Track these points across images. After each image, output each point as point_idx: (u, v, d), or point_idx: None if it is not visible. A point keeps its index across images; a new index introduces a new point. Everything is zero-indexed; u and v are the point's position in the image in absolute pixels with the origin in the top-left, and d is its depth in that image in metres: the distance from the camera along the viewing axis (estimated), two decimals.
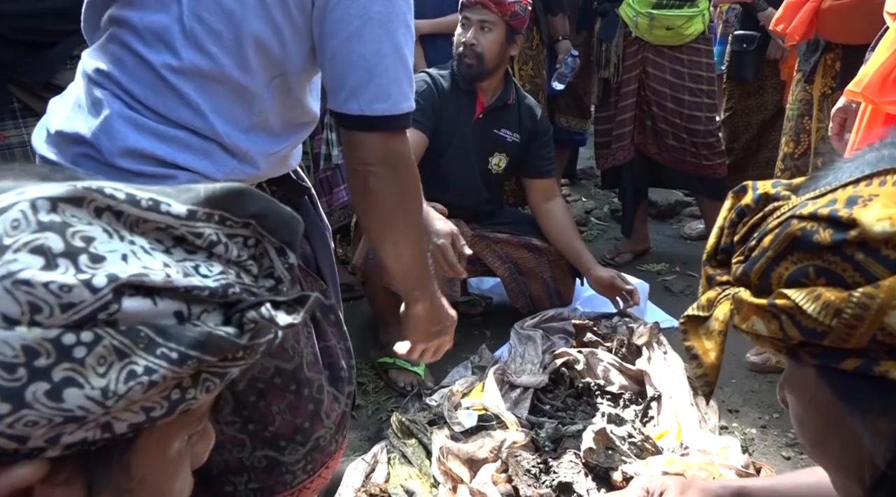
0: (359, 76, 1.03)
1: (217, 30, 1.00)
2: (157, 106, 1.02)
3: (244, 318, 0.44)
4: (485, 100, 2.49)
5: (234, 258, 0.46)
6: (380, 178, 1.08)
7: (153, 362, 0.39)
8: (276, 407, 1.16)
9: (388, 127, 1.06)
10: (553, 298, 2.54)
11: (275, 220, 0.48)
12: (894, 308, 0.44)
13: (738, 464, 1.63)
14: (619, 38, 2.93)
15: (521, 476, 1.60)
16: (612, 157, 3.09)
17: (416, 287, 1.23)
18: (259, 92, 1.05)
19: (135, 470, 0.43)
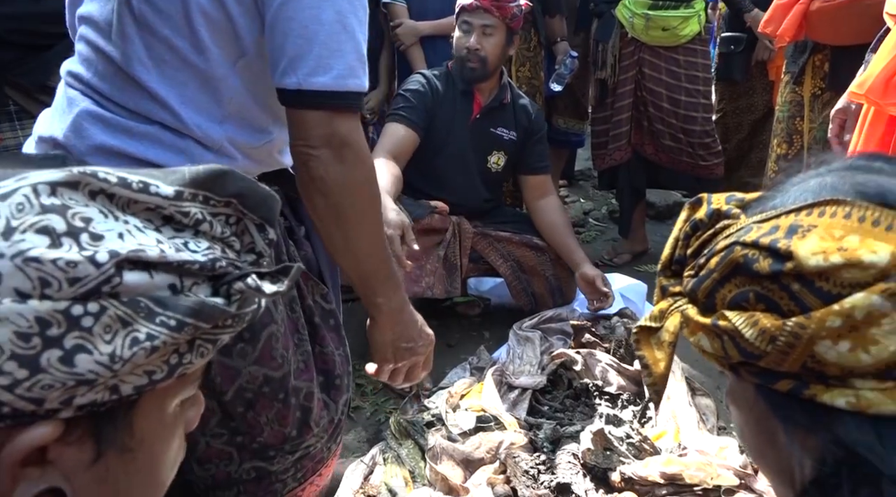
0: (296, 46, 0.94)
1: (165, 10, 0.96)
2: (125, 101, 1.00)
3: (231, 289, 0.48)
4: (482, 100, 2.50)
5: (218, 235, 0.50)
6: (323, 162, 0.97)
7: (154, 329, 0.43)
8: (265, 417, 1.13)
9: (330, 105, 0.95)
10: (556, 296, 2.54)
11: (254, 198, 0.52)
12: (823, 338, 0.47)
13: (736, 464, 1.63)
14: (616, 38, 2.94)
15: (520, 477, 1.60)
16: (609, 158, 3.09)
17: (378, 294, 1.10)
18: (223, 75, 0.99)
19: (136, 429, 0.47)
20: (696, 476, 1.57)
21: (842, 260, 0.45)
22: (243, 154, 1.06)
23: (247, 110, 1.04)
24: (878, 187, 0.47)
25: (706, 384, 2.17)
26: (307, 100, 0.95)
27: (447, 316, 2.65)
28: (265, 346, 1.11)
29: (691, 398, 2.01)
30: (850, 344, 0.46)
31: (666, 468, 1.59)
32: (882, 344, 0.45)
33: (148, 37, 0.98)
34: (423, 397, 2.06)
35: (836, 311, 0.46)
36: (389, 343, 1.15)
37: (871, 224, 0.46)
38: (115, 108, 1.01)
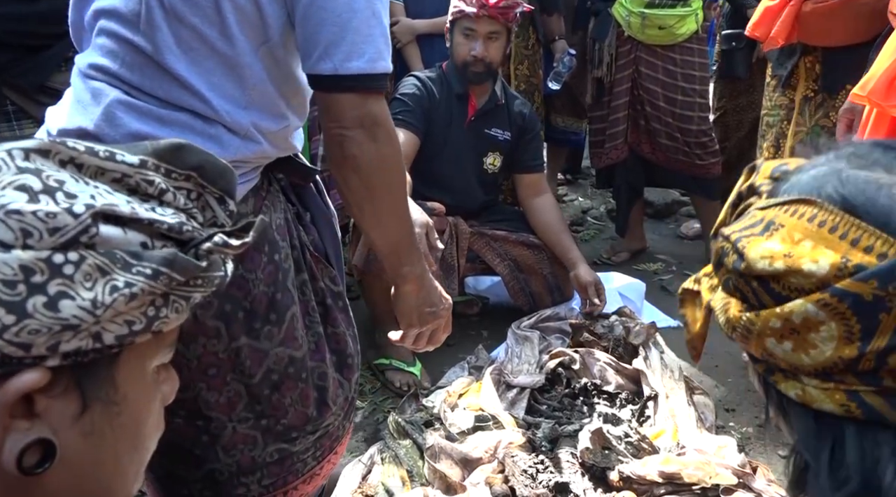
0: (331, 33, 0.98)
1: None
2: (155, 90, 1.02)
3: (199, 252, 0.51)
4: (477, 102, 2.50)
5: (181, 206, 0.52)
6: (357, 142, 1.03)
7: (131, 278, 0.46)
8: (289, 398, 1.16)
9: (363, 87, 1.01)
10: (554, 294, 2.54)
11: (213, 171, 0.54)
12: (769, 336, 0.50)
13: (735, 463, 1.63)
14: (612, 37, 2.93)
15: (518, 476, 1.60)
16: (606, 156, 3.09)
17: (405, 263, 1.17)
18: (248, 63, 1.03)
19: (120, 384, 0.50)
20: (695, 475, 1.57)
21: (784, 267, 0.48)
22: (267, 139, 1.09)
23: (268, 96, 1.07)
24: (853, 188, 0.48)
25: (705, 383, 2.17)
26: (343, 84, 1.01)
27: None
28: (289, 326, 1.14)
29: (690, 397, 2.01)
30: (792, 345, 0.49)
31: (664, 467, 1.59)
32: (819, 348, 0.48)
33: (177, 25, 1.00)
34: (421, 397, 2.06)
35: (777, 314, 0.49)
36: (415, 308, 1.22)
37: (829, 230, 0.47)
38: (146, 97, 1.03)
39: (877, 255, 0.45)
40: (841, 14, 1.91)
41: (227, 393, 1.13)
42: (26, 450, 0.45)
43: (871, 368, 0.47)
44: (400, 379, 2.23)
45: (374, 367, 2.31)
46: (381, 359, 2.29)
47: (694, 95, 2.91)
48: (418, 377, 2.24)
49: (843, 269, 0.46)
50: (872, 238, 0.46)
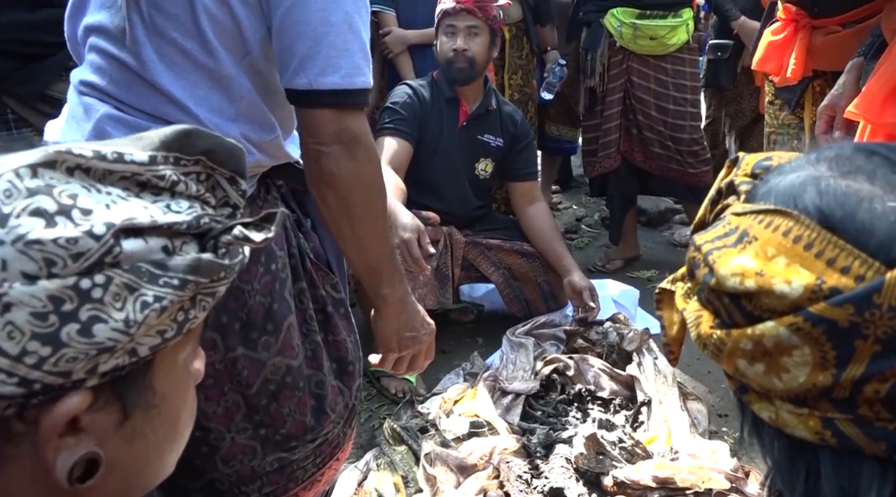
0: (306, 47, 0.96)
1: (172, 13, 0.99)
2: (143, 105, 1.03)
3: (218, 243, 0.50)
4: (468, 107, 2.53)
5: (194, 193, 0.51)
6: (334, 159, 1.00)
7: (160, 291, 0.46)
8: (287, 408, 1.16)
9: (340, 103, 0.99)
10: (549, 301, 2.56)
11: (222, 153, 0.53)
12: (740, 357, 0.47)
13: (728, 468, 1.65)
14: (604, 47, 2.96)
15: (513, 482, 1.61)
16: (599, 165, 3.12)
17: (385, 285, 1.13)
18: (232, 75, 1.02)
19: (157, 387, 0.50)
20: (688, 480, 1.59)
21: (755, 286, 0.45)
22: (258, 149, 1.09)
23: (256, 108, 1.07)
24: (831, 200, 0.45)
25: (697, 389, 2.19)
26: (318, 99, 0.99)
27: (440, 322, 2.64)
28: (286, 336, 1.14)
29: (683, 403, 2.02)
30: (765, 367, 0.46)
31: (658, 472, 1.61)
32: (793, 373, 0.45)
33: (158, 40, 1.01)
34: (416, 403, 2.07)
35: (748, 335, 0.46)
36: (394, 332, 1.18)
37: (804, 247, 0.44)
38: (135, 112, 1.03)
39: (854, 277, 0.43)
40: (854, 40, 1.90)
41: (225, 403, 1.13)
42: (76, 465, 0.45)
43: (847, 396, 0.44)
44: (395, 386, 2.24)
45: (369, 374, 2.32)
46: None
47: (685, 104, 2.94)
48: (414, 384, 2.25)
49: (817, 292, 0.43)
50: (850, 258, 0.43)
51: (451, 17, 2.43)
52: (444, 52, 2.45)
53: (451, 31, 2.44)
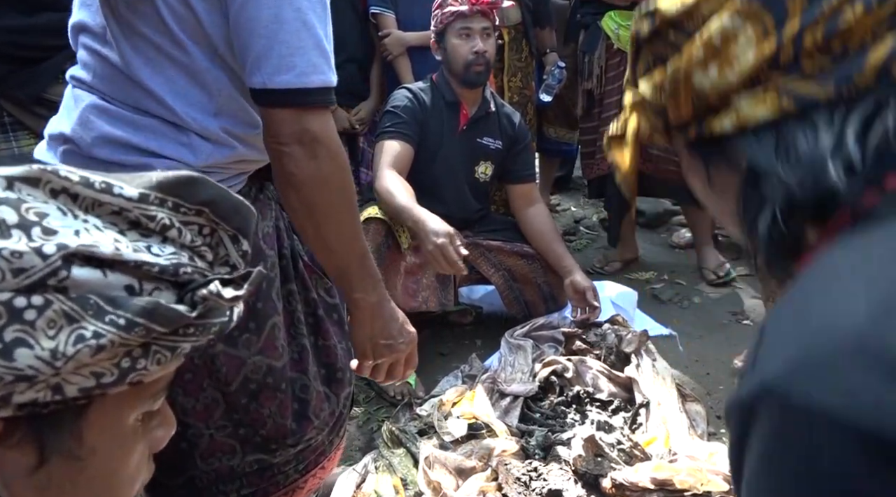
0: (259, 45, 0.95)
1: (139, 9, 0.99)
2: (126, 99, 1.04)
3: (195, 297, 0.46)
4: (468, 111, 2.53)
5: (187, 243, 0.48)
6: (295, 159, 0.98)
7: (101, 327, 0.41)
8: (268, 409, 1.16)
9: (297, 102, 0.97)
10: (549, 303, 2.56)
11: (226, 207, 0.50)
12: (695, 70, 0.53)
13: (726, 469, 1.65)
14: (602, 50, 2.96)
15: (511, 484, 1.61)
16: (597, 167, 3.12)
17: (355, 290, 1.10)
18: (206, 69, 1.02)
19: (87, 438, 0.45)
20: (687, 481, 1.58)
21: (692, 0, 0.53)
22: (243, 143, 1.09)
23: (236, 102, 1.06)
24: None
25: (696, 390, 2.19)
26: (274, 98, 0.97)
27: (439, 324, 2.66)
28: (269, 335, 1.14)
29: (682, 404, 2.02)
30: (717, 66, 0.52)
31: (656, 474, 1.61)
32: (742, 57, 0.51)
33: (132, 36, 1.02)
34: (415, 405, 2.07)
35: (698, 43, 0.52)
36: (368, 339, 1.15)
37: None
38: (119, 103, 1.05)
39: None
40: None
41: (204, 399, 1.12)
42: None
43: (791, 57, 0.50)
44: (394, 388, 2.23)
45: None
46: None
47: None
48: (413, 386, 2.25)
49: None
50: None
51: (467, 19, 2.43)
52: (463, 54, 2.43)
53: (465, 34, 2.44)
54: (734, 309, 2.77)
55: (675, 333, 2.58)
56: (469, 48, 2.42)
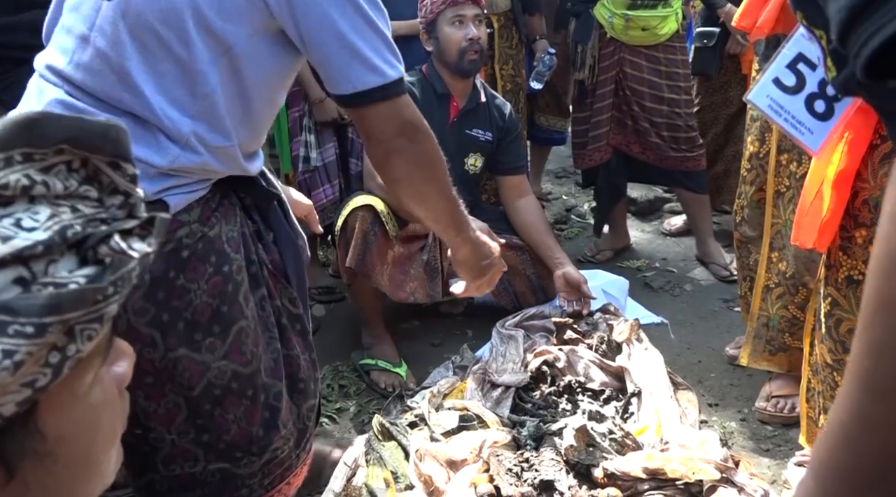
0: (340, 57, 1.05)
1: (164, 6, 1.00)
2: (97, 89, 1.02)
3: (98, 255, 0.40)
4: (459, 102, 2.50)
5: (61, 192, 0.40)
6: (401, 152, 1.12)
7: (10, 343, 0.36)
8: (232, 415, 1.14)
9: (386, 95, 1.08)
10: (538, 294, 2.55)
11: (90, 137, 0.41)
12: None
13: (718, 457, 1.65)
14: (595, 39, 2.94)
15: (503, 475, 1.60)
16: (589, 158, 3.10)
17: (458, 232, 1.31)
18: (203, 70, 1.02)
19: (48, 431, 0.41)
20: (678, 470, 1.58)
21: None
22: (210, 152, 1.08)
23: (217, 110, 1.06)
24: None
25: (688, 379, 2.19)
26: (366, 98, 1.08)
27: (430, 315, 2.66)
28: (234, 341, 1.13)
29: (673, 393, 2.02)
30: None
31: (648, 463, 1.61)
32: None
33: (134, 23, 1.00)
34: (406, 397, 2.06)
35: None
36: (475, 264, 1.39)
37: None
38: (85, 97, 1.03)
39: None
40: None
41: (166, 404, 1.10)
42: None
43: None
44: (385, 380, 2.23)
45: (359, 368, 2.31)
46: (367, 360, 2.29)
47: (680, 92, 2.93)
48: (404, 378, 2.24)
49: None
50: None
51: (458, 6, 2.40)
52: (456, 42, 2.40)
53: (458, 21, 2.41)
54: (725, 296, 2.77)
55: (667, 321, 2.58)
56: (463, 35, 2.39)
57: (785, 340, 2.01)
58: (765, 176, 2.01)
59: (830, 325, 1.33)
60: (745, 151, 2.12)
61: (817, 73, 1.23)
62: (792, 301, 1.97)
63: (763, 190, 2.03)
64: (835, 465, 0.47)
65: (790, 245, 1.93)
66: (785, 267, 1.97)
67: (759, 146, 2.05)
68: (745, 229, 2.14)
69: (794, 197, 1.93)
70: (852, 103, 1.19)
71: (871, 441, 0.44)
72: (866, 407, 0.44)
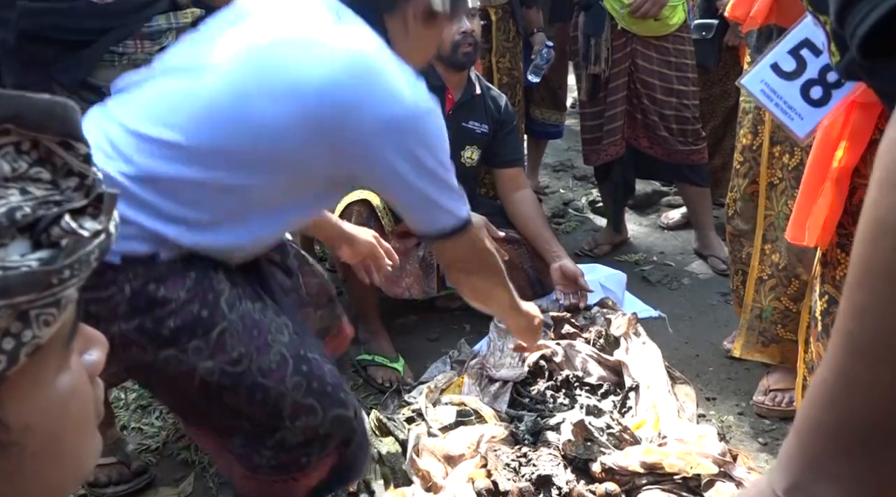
0: (418, 206, 1.27)
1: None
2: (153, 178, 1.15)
3: (52, 237, 0.38)
4: (454, 95, 2.49)
5: (9, 175, 0.38)
6: (469, 269, 1.41)
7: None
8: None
9: (462, 231, 1.30)
10: (535, 287, 2.54)
11: (37, 115, 0.39)
12: None
13: (716, 452, 1.64)
14: (608, 31, 2.90)
15: (500, 470, 1.60)
16: (605, 153, 3.03)
17: (516, 314, 1.64)
18: (235, 188, 1.16)
19: (12, 421, 0.39)
20: (676, 465, 1.58)
21: None
22: (210, 249, 1.22)
23: (239, 224, 1.21)
24: None
25: (685, 373, 2.19)
26: (446, 236, 1.30)
27: (427, 310, 2.65)
28: (218, 342, 1.20)
29: (671, 387, 2.02)
30: None
31: (646, 457, 1.60)
32: None
33: (213, 162, 1.15)
34: (403, 392, 2.05)
35: None
36: (525, 330, 1.72)
37: None
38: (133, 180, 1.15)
39: None
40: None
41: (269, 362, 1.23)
42: None
43: None
44: (382, 375, 2.22)
45: (356, 363, 2.30)
46: (364, 355, 2.28)
47: (688, 84, 2.90)
48: (401, 373, 2.23)
49: None
50: None
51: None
52: (450, 35, 2.37)
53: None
54: (723, 290, 2.76)
55: (665, 315, 2.57)
56: (456, 28, 2.38)
57: (777, 332, 2.01)
58: (758, 168, 2.00)
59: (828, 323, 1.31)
60: (737, 144, 2.11)
61: (820, 59, 1.23)
62: (784, 293, 1.97)
63: (756, 182, 2.02)
64: (818, 425, 0.48)
65: (783, 237, 1.92)
66: (778, 258, 1.97)
67: (751, 138, 2.04)
68: (737, 223, 2.14)
69: (787, 189, 1.93)
70: (851, 91, 1.18)
71: (853, 402, 0.45)
72: (850, 368, 0.45)
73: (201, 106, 1.13)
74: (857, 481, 0.46)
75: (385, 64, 1.17)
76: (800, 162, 1.88)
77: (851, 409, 0.45)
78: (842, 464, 0.46)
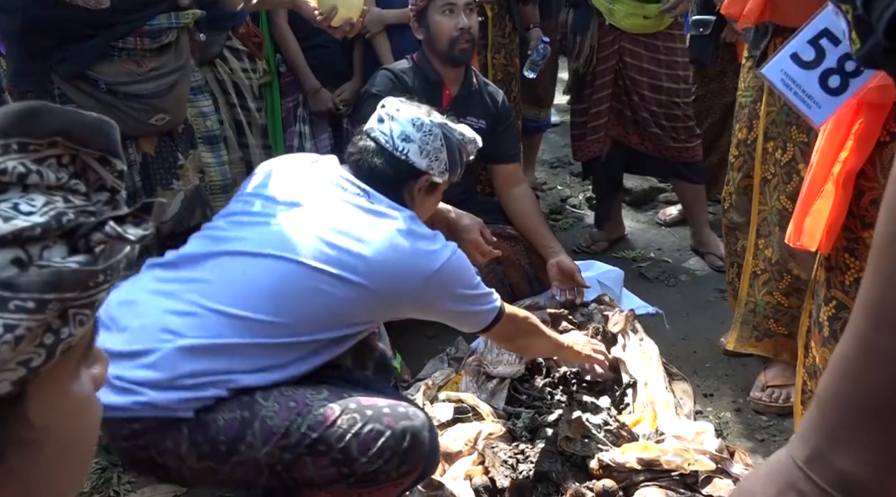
0: (466, 321, 1.61)
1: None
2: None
3: (91, 242, 0.42)
4: (451, 90, 2.48)
5: (53, 183, 0.42)
6: (511, 337, 1.70)
7: (11, 318, 0.38)
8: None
9: (497, 321, 1.59)
10: (533, 284, 2.54)
11: (82, 130, 0.44)
12: None
13: (713, 448, 1.65)
14: (594, 28, 2.90)
15: (498, 467, 1.60)
16: (588, 149, 3.06)
17: (557, 351, 1.90)
18: (284, 345, 1.38)
19: (35, 419, 0.42)
20: (673, 462, 1.58)
21: None
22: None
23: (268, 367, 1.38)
24: None
25: (683, 369, 2.19)
26: (491, 326, 1.60)
27: None
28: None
29: (668, 384, 2.02)
30: None
31: (643, 454, 1.60)
32: None
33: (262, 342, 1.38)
34: (401, 389, 2.05)
35: None
36: (578, 357, 1.94)
37: None
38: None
39: None
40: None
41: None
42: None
43: None
44: None
45: None
46: None
47: (679, 82, 2.90)
48: (399, 370, 2.23)
49: None
50: None
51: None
52: (446, 31, 2.38)
53: (449, 10, 2.38)
54: (720, 286, 2.77)
55: (662, 312, 2.57)
56: (453, 25, 2.37)
57: (770, 326, 2.02)
58: (752, 163, 2.00)
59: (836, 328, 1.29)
60: (733, 138, 2.11)
61: (839, 48, 1.23)
62: (777, 287, 1.97)
63: (750, 176, 2.02)
64: (838, 395, 0.48)
65: (775, 232, 1.93)
66: (771, 253, 1.97)
67: (746, 133, 2.04)
68: (732, 215, 2.14)
69: (780, 184, 1.93)
70: (869, 79, 1.18)
71: (875, 371, 0.46)
72: (872, 338, 0.46)
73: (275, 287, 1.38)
74: (876, 450, 0.46)
75: (415, 236, 1.48)
76: (792, 157, 1.88)
77: (873, 378, 0.46)
78: (861, 433, 0.46)
